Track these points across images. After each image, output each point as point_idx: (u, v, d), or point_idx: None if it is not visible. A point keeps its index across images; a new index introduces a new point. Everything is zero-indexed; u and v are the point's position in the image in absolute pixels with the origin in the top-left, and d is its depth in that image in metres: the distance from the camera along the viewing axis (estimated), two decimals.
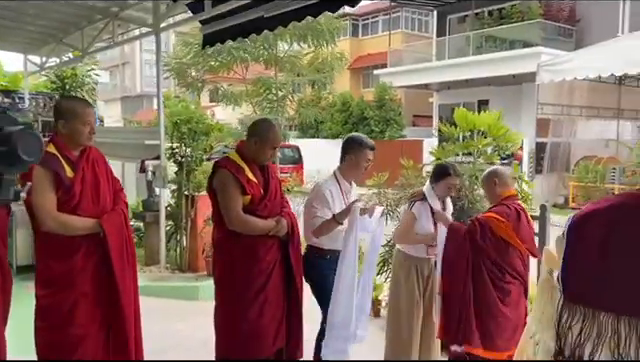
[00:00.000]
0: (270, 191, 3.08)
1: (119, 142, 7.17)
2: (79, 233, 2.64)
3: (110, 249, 2.68)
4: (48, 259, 2.66)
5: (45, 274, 2.66)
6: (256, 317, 2.97)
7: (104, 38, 7.59)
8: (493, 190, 3.36)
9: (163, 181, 6.00)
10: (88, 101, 2.93)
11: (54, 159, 2.63)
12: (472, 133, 4.90)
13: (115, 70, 41.05)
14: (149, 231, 6.40)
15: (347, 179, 3.41)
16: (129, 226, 2.90)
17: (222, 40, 5.56)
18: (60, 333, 2.65)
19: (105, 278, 2.68)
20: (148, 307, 4.86)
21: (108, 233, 2.67)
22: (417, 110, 23.32)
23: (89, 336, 2.66)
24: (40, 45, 8.39)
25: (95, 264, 2.68)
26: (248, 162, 3.04)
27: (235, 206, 2.95)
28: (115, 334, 2.73)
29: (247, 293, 2.99)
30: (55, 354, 2.66)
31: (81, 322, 2.64)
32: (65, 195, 2.61)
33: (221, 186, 2.99)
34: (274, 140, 3.06)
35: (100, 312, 2.70)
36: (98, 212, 2.71)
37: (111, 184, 2.86)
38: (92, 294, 2.67)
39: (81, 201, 2.65)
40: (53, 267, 2.64)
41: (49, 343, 2.67)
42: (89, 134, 2.71)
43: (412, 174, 4.92)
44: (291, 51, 9.59)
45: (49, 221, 2.58)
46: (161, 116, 6.11)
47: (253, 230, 2.98)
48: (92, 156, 2.77)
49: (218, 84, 10.20)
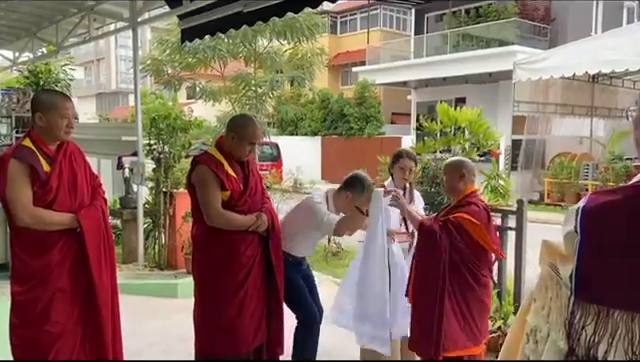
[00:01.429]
0: (250, 187, 3.06)
1: (95, 138, 7.05)
2: (55, 228, 2.59)
3: (87, 245, 2.63)
4: (23, 255, 2.60)
5: (21, 270, 2.61)
6: (236, 313, 2.96)
7: (79, 33, 7.44)
8: (457, 183, 3.04)
9: (141, 178, 5.92)
10: (67, 95, 2.84)
11: (30, 153, 2.58)
12: (452, 129, 4.97)
13: (90, 66, 40.27)
14: (127, 228, 6.31)
15: (336, 208, 3.42)
16: (108, 222, 2.84)
17: (200, 35, 5.50)
18: (36, 330, 2.59)
19: (82, 274, 2.64)
20: (126, 305, 4.80)
21: (85, 229, 2.63)
22: (395, 108, 23.46)
23: (65, 333, 2.61)
24: (12, 40, 8.18)
25: (72, 260, 2.63)
26: (227, 157, 3.02)
27: (214, 202, 2.93)
28: (92, 332, 2.68)
29: (226, 289, 2.98)
30: (30, 352, 2.61)
31: (57, 319, 2.59)
32: (41, 189, 2.56)
33: (200, 182, 2.97)
34: (252, 136, 3.03)
35: (77, 309, 2.65)
36: (75, 207, 2.66)
37: (89, 179, 2.81)
38: (68, 290, 2.62)
39: (58, 196, 2.60)
40: (29, 263, 2.59)
41: (24, 341, 2.61)
42: (67, 128, 2.65)
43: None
44: (270, 47, 9.54)
45: (25, 216, 2.53)
46: (138, 112, 6.02)
47: (232, 225, 2.96)
48: (70, 150, 2.72)
49: (196, 81, 10.08)
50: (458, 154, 4.87)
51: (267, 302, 3.10)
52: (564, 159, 13.14)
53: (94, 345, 2.68)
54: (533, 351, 1.72)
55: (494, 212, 4.50)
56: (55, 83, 10.06)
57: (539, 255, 1.86)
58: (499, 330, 4.06)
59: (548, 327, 1.66)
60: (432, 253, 2.86)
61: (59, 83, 10.10)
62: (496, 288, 4.34)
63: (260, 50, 9.33)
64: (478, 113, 4.64)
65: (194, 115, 7.93)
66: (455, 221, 2.89)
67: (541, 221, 8.41)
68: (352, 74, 23.53)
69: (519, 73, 10.57)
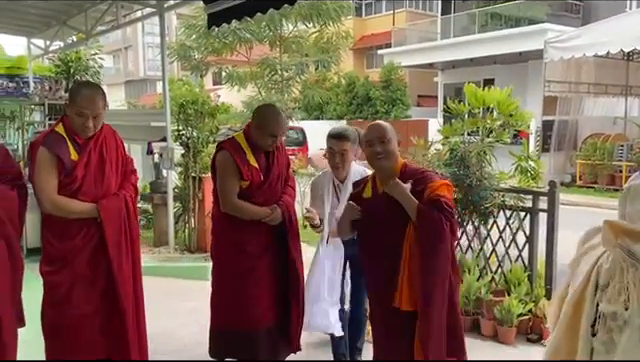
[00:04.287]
0: (271, 178, 3.06)
1: (125, 124, 7.16)
2: (76, 216, 2.64)
3: (106, 234, 2.67)
4: (51, 238, 2.68)
5: (49, 252, 2.69)
6: (242, 293, 3.01)
7: (107, 20, 7.54)
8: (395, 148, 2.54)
9: (170, 163, 6.01)
10: (96, 92, 2.70)
11: (60, 141, 2.63)
12: (480, 111, 4.87)
13: (118, 54, 40.82)
14: (157, 213, 6.43)
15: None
16: (133, 210, 2.84)
17: (227, 20, 5.49)
18: (59, 311, 2.68)
19: (102, 262, 2.69)
20: (158, 287, 4.95)
21: (104, 219, 2.67)
22: (422, 90, 23.14)
23: (85, 317, 2.68)
24: (43, 28, 8.33)
25: (92, 247, 2.68)
26: (252, 146, 3.02)
27: (230, 190, 2.96)
28: (113, 317, 2.73)
29: (236, 270, 3.03)
30: (56, 331, 2.70)
31: (78, 303, 2.67)
32: (67, 178, 2.61)
33: (220, 168, 3.01)
34: (273, 128, 2.98)
35: (97, 295, 2.71)
36: (100, 196, 2.70)
37: (119, 167, 2.82)
38: (89, 276, 2.68)
39: (83, 185, 2.65)
40: (55, 246, 2.67)
41: (50, 320, 2.71)
42: (82, 126, 2.63)
43: (419, 152, 4.90)
44: (296, 31, 9.49)
45: (47, 204, 2.60)
46: (167, 97, 6.09)
47: (245, 215, 2.98)
48: (102, 138, 2.73)
49: (222, 66, 10.12)
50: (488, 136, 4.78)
51: (280, 290, 3.10)
52: (597, 140, 12.77)
53: (115, 330, 2.73)
54: (606, 342, 1.62)
55: (525, 194, 4.45)
56: (85, 71, 10.25)
57: (602, 237, 1.76)
58: (530, 313, 4.02)
59: (628, 314, 1.57)
60: (441, 246, 2.35)
61: (89, 71, 10.29)
62: (527, 271, 4.29)
63: (286, 34, 9.29)
64: (508, 93, 4.52)
65: (220, 100, 7.99)
66: (448, 199, 2.40)
67: (572, 203, 8.24)
68: (377, 57, 23.27)
69: (550, 52, 10.29)
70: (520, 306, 3.94)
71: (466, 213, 4.62)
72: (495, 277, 4.45)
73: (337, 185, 3.26)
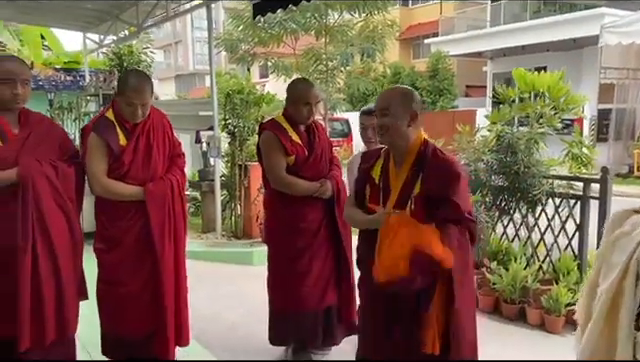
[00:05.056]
0: (315, 153, 3.11)
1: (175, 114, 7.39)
2: (124, 199, 2.74)
3: (151, 217, 2.75)
4: (103, 218, 2.81)
5: (100, 232, 2.82)
6: (302, 274, 3.05)
7: (157, 14, 7.77)
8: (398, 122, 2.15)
9: (217, 151, 6.17)
10: (144, 81, 2.77)
11: (109, 126, 2.73)
12: (530, 96, 4.74)
13: (169, 49, 41.94)
14: (205, 200, 6.62)
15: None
16: (179, 194, 2.90)
17: (272, 9, 5.55)
18: (109, 288, 2.81)
19: (147, 244, 2.78)
20: (205, 271, 5.12)
21: (149, 202, 2.75)
22: (470, 80, 22.60)
23: (131, 295, 2.79)
24: (98, 23, 8.69)
25: (139, 229, 2.78)
26: (292, 123, 3.09)
27: (277, 166, 3.01)
28: (155, 297, 2.82)
29: (292, 251, 3.07)
30: (107, 308, 2.84)
31: (126, 281, 2.78)
32: (115, 163, 2.71)
33: (264, 147, 3.07)
34: (304, 96, 3.04)
35: (142, 275, 2.80)
36: (148, 180, 2.78)
37: (167, 151, 2.90)
38: (135, 257, 2.78)
39: (130, 169, 2.74)
40: (107, 226, 2.79)
41: (102, 295, 2.84)
42: (131, 114, 2.72)
43: (465, 139, 4.81)
44: (341, 20, 9.48)
45: (96, 186, 2.72)
46: (214, 86, 6.23)
47: (295, 190, 3.03)
48: (149, 124, 2.82)
49: (268, 57, 10.24)
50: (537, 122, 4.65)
51: (335, 266, 3.15)
52: None
53: (156, 310, 2.82)
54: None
55: (575, 181, 4.30)
56: (137, 64, 10.62)
57: None
58: None
59: None
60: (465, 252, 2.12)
61: (140, 65, 10.66)
62: (576, 260, 4.16)
63: (331, 24, 9.30)
64: (559, 77, 4.37)
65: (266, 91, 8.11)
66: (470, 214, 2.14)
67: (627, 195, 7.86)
68: (424, 47, 22.89)
69: (607, 37, 9.83)
70: (569, 295, 3.82)
71: (513, 201, 4.52)
72: (543, 266, 4.34)
73: None
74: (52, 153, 2.62)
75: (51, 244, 2.49)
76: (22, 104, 2.57)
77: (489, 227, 4.66)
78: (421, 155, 2.14)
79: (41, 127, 2.66)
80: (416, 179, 2.10)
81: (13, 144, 2.52)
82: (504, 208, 4.62)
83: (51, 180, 2.52)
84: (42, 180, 2.49)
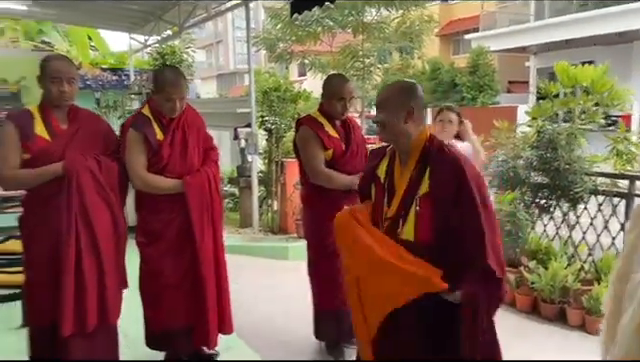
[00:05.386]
0: (352, 147, 3.14)
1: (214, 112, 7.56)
2: (164, 192, 2.83)
3: (190, 209, 2.83)
4: (144, 212, 2.91)
5: (142, 226, 2.92)
6: (341, 269, 3.06)
7: (198, 14, 7.95)
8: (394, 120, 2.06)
9: (254, 148, 6.27)
10: (178, 76, 2.88)
11: (147, 122, 2.83)
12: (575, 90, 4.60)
13: (210, 49, 42.72)
14: (243, 196, 6.74)
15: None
16: (215, 186, 2.97)
17: (309, 7, 5.59)
18: (152, 280, 2.90)
19: (187, 236, 2.86)
20: (243, 265, 5.22)
21: (188, 194, 2.83)
22: (512, 75, 22.02)
23: (173, 286, 2.88)
24: (142, 24, 8.95)
25: (179, 222, 2.86)
26: (328, 118, 3.13)
27: (316, 160, 3.05)
28: (196, 288, 2.89)
29: (331, 246, 3.06)
30: (149, 299, 2.94)
31: (167, 273, 2.87)
32: (154, 157, 2.81)
33: (302, 142, 3.11)
34: (339, 91, 3.07)
35: (183, 267, 2.89)
36: (185, 173, 2.86)
37: (201, 144, 2.98)
38: (177, 249, 2.87)
39: (169, 163, 2.83)
40: (147, 220, 2.89)
41: (146, 288, 2.94)
42: (170, 109, 2.81)
43: (502, 135, 4.72)
44: (378, 16, 9.43)
45: (137, 180, 2.80)
46: (252, 83, 6.33)
47: (334, 184, 3.06)
48: (184, 119, 2.90)
49: (305, 55, 10.29)
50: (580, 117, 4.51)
51: None
52: None
53: (198, 300, 2.90)
54: None
55: (620, 178, 4.16)
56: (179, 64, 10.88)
57: None
58: None
59: None
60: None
61: (182, 64, 10.92)
62: None
63: (368, 20, 9.27)
64: (603, 71, 4.23)
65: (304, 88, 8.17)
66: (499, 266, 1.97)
67: None
68: (464, 42, 22.47)
69: None
70: None
71: (553, 198, 4.41)
72: (584, 266, 4.22)
73: None
74: (97, 148, 2.73)
75: (94, 235, 2.60)
76: (69, 101, 2.69)
77: (528, 225, 4.57)
78: (426, 152, 2.03)
79: (88, 123, 2.78)
80: (422, 177, 1.99)
81: (61, 139, 2.64)
82: (544, 206, 4.52)
83: (94, 174, 2.63)
84: (86, 174, 2.60)
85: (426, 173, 1.98)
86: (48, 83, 2.61)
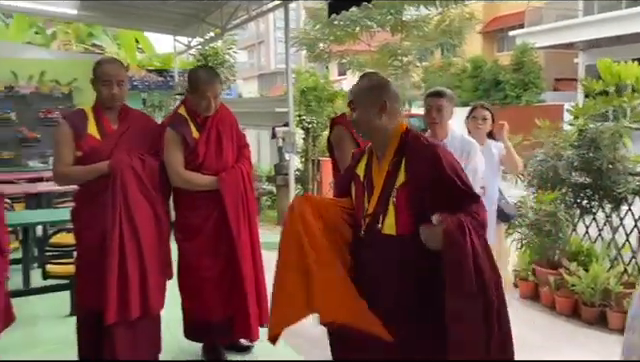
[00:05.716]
0: None
1: (252, 111, 7.71)
2: (201, 189, 2.92)
3: (226, 204, 2.91)
4: (182, 209, 3.01)
5: (180, 222, 3.03)
6: None
7: (239, 15, 8.12)
8: (365, 115, 2.07)
9: (292, 147, 6.36)
10: (212, 75, 2.97)
11: (183, 121, 2.93)
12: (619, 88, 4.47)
13: (252, 49, 43.34)
14: (280, 193, 6.86)
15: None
16: (249, 182, 3.05)
17: (347, 7, 5.63)
18: (190, 274, 3.00)
19: (224, 231, 2.93)
20: None
21: (224, 190, 2.91)
22: (559, 73, 21.35)
23: (211, 281, 2.96)
24: (186, 26, 9.22)
25: (216, 217, 2.94)
26: None
27: (349, 159, 3.08)
28: (235, 282, 2.96)
29: None
30: (187, 293, 3.04)
31: (205, 268, 2.96)
32: (190, 155, 2.90)
33: (337, 141, 3.14)
34: None
35: (221, 261, 2.97)
36: (221, 169, 2.95)
37: (234, 142, 3.07)
38: (214, 244, 2.95)
39: (205, 160, 2.92)
40: (185, 216, 2.99)
41: (184, 282, 3.04)
42: (205, 108, 2.90)
43: (543, 134, 4.63)
44: (417, 14, 9.38)
45: (175, 178, 2.90)
46: (289, 83, 6.42)
47: None
48: (218, 118, 3.00)
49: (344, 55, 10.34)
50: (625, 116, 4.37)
51: None
52: None
53: (236, 293, 2.97)
54: None
55: None
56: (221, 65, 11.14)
57: None
58: None
59: None
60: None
61: (224, 64, 11.18)
62: None
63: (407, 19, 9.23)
64: None
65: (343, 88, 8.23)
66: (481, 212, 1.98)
67: None
68: (509, 39, 21.94)
69: None
70: None
71: (595, 199, 4.30)
72: (628, 268, 4.09)
73: None
74: (144, 147, 2.86)
75: (136, 231, 2.71)
76: (119, 102, 2.84)
77: (569, 226, 4.47)
78: (402, 144, 2.01)
79: (138, 123, 2.92)
80: (398, 169, 1.97)
81: (110, 139, 2.80)
82: (586, 207, 4.40)
83: (137, 172, 2.75)
84: (129, 173, 2.72)
85: (402, 164, 1.97)
86: (100, 86, 2.77)
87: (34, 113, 8.25)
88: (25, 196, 5.67)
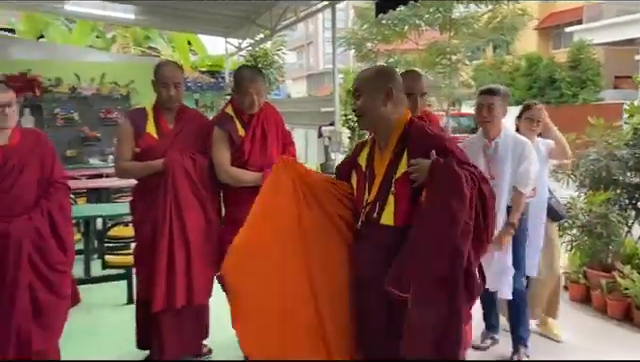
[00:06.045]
0: None
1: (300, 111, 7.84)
2: (246, 185, 2.99)
3: None
4: (229, 204, 3.12)
5: (229, 215, 3.13)
6: None
7: (288, 17, 8.28)
8: (371, 103, 2.06)
9: (338, 145, 6.43)
10: (255, 73, 3.05)
11: (229, 120, 3.05)
12: None
13: (301, 50, 43.76)
14: None
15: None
16: None
17: (394, 6, 5.64)
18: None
19: None
20: None
21: None
22: (620, 70, 20.37)
23: None
24: (237, 28, 9.48)
25: None
26: None
27: None
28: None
29: None
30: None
31: None
32: (237, 152, 3.00)
33: None
34: (407, 87, 2.89)
35: None
36: (265, 166, 3.01)
37: (279, 140, 3.16)
38: None
39: (250, 157, 3.01)
40: (232, 211, 3.09)
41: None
42: (249, 105, 2.99)
43: (598, 132, 4.48)
44: (467, 12, 9.23)
45: (222, 175, 3.01)
46: (336, 83, 6.50)
47: None
48: (263, 116, 3.09)
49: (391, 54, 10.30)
50: None
51: None
52: None
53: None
54: None
55: None
56: (270, 65, 11.39)
57: None
58: None
59: None
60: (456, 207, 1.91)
61: (273, 65, 11.42)
62: None
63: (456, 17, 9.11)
64: None
65: None
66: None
67: None
68: (565, 36, 21.17)
69: None
70: None
71: None
72: None
73: (485, 145, 3.09)
74: (196, 146, 3.00)
75: (184, 227, 2.86)
76: (176, 103, 3.00)
77: (622, 228, 4.31)
78: (405, 134, 1.98)
79: (193, 123, 3.06)
80: (400, 159, 1.95)
81: (166, 138, 2.96)
82: None
83: (189, 172, 2.89)
84: (181, 171, 2.88)
85: (404, 154, 1.94)
86: (159, 87, 2.94)
87: (95, 113, 8.71)
88: (87, 191, 6.03)
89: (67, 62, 8.78)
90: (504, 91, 3.08)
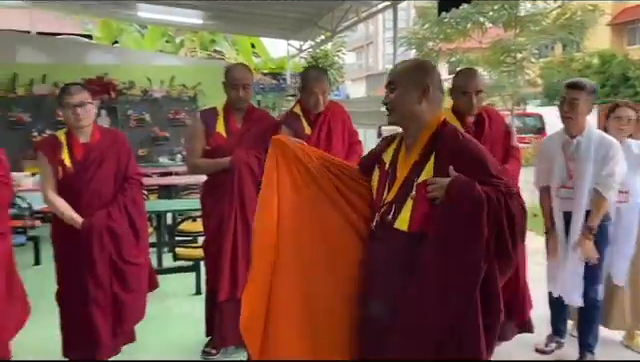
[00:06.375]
0: (482, 142, 3.08)
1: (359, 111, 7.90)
2: None
3: None
4: None
5: None
6: None
7: (349, 18, 8.35)
8: (405, 98, 1.88)
9: None
10: (320, 73, 3.18)
11: (296, 119, 3.18)
12: None
13: (361, 51, 43.75)
14: None
15: None
16: None
17: (457, 4, 5.58)
18: None
19: None
20: None
21: None
22: None
23: None
24: (298, 30, 9.66)
25: None
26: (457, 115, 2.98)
27: None
28: None
29: None
30: None
31: None
32: None
33: None
34: (461, 85, 2.89)
35: None
36: None
37: (345, 138, 3.25)
38: None
39: None
40: None
41: None
42: (315, 104, 3.10)
43: None
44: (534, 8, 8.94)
45: None
46: None
47: None
48: (329, 115, 3.19)
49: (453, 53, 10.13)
50: None
51: None
52: None
53: None
54: None
55: None
56: (330, 66, 11.50)
57: None
58: None
59: None
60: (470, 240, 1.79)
61: (333, 66, 11.53)
62: None
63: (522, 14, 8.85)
64: None
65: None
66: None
67: None
68: None
69: None
70: None
71: None
72: None
73: (565, 142, 2.95)
74: (262, 146, 3.09)
75: (248, 223, 2.96)
76: (245, 104, 3.15)
77: None
78: (435, 137, 1.83)
79: (260, 123, 3.20)
80: (426, 162, 1.81)
81: (234, 137, 3.12)
82: None
83: (253, 171, 3.01)
84: (246, 169, 3.02)
85: (431, 159, 1.81)
86: (229, 88, 3.11)
87: (164, 114, 9.16)
88: (158, 188, 6.38)
89: (139, 66, 9.26)
90: (591, 87, 2.91)
